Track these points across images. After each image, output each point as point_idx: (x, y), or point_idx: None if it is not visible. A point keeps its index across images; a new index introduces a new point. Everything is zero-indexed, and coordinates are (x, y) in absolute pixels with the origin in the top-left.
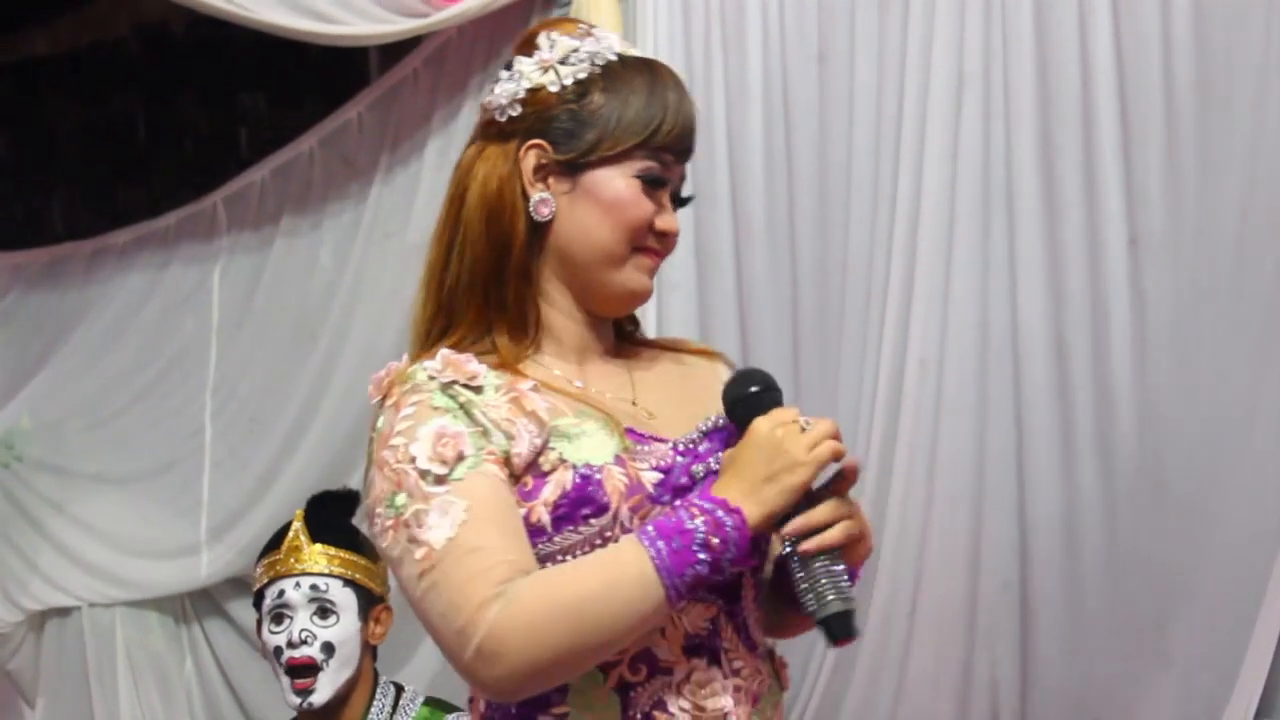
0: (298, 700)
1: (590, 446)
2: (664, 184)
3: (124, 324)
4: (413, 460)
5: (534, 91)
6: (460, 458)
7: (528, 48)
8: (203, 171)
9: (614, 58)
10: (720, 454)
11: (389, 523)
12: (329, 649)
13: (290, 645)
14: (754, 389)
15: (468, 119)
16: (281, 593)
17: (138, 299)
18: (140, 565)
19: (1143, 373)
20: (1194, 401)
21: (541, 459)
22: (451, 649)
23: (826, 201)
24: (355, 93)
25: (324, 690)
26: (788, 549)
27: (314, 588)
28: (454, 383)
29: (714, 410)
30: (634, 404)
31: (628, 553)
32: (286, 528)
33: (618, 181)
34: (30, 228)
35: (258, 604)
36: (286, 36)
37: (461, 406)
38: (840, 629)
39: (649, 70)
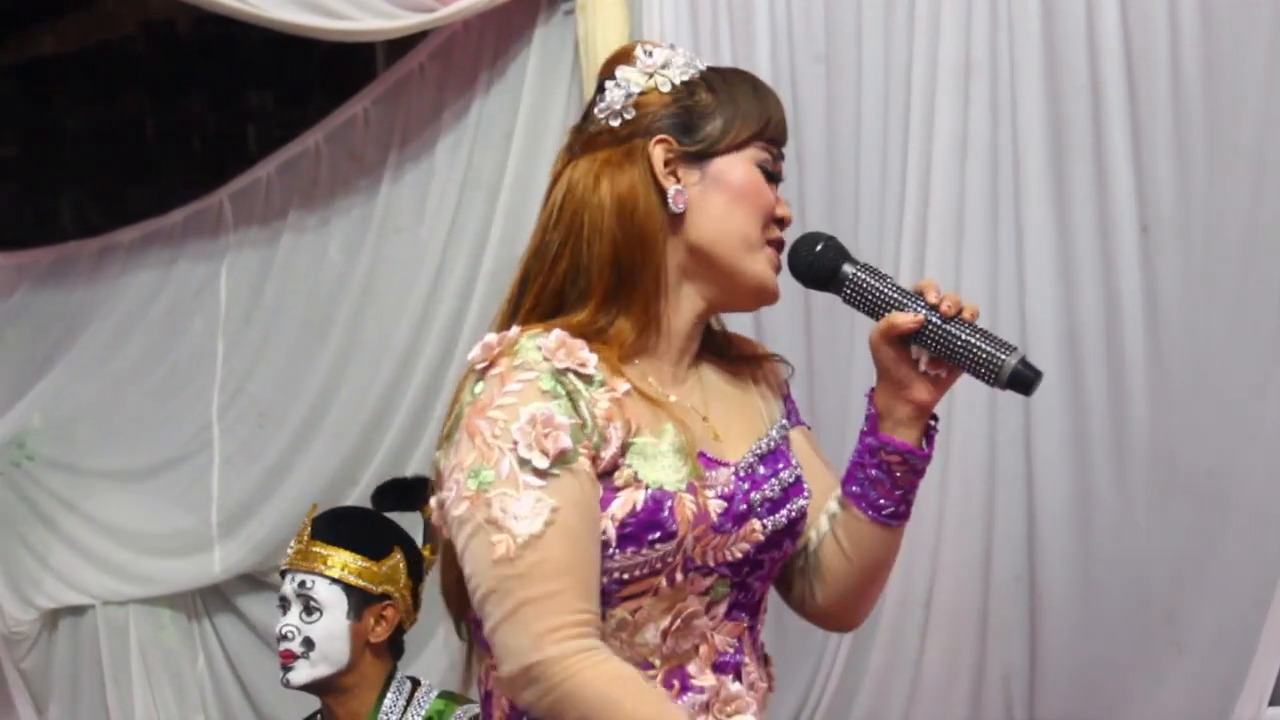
0: (281, 675)
1: (664, 469)
2: (774, 177)
3: (133, 321)
4: (513, 443)
5: (644, 94)
6: (562, 454)
7: (626, 59)
8: (211, 170)
9: (704, 67)
10: (774, 480)
11: (468, 494)
12: (309, 644)
13: (279, 638)
14: (819, 247)
15: (475, 114)
16: (282, 585)
17: (146, 296)
18: (153, 562)
19: (1155, 361)
20: (1206, 390)
21: (616, 473)
22: (502, 655)
23: (836, 193)
24: (363, 89)
25: (300, 673)
26: (933, 346)
27: (301, 584)
28: (567, 370)
29: (765, 425)
30: (705, 419)
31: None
32: None
33: (742, 168)
34: (39, 227)
35: None
36: (293, 33)
37: (569, 395)
38: (1031, 371)
39: (743, 74)
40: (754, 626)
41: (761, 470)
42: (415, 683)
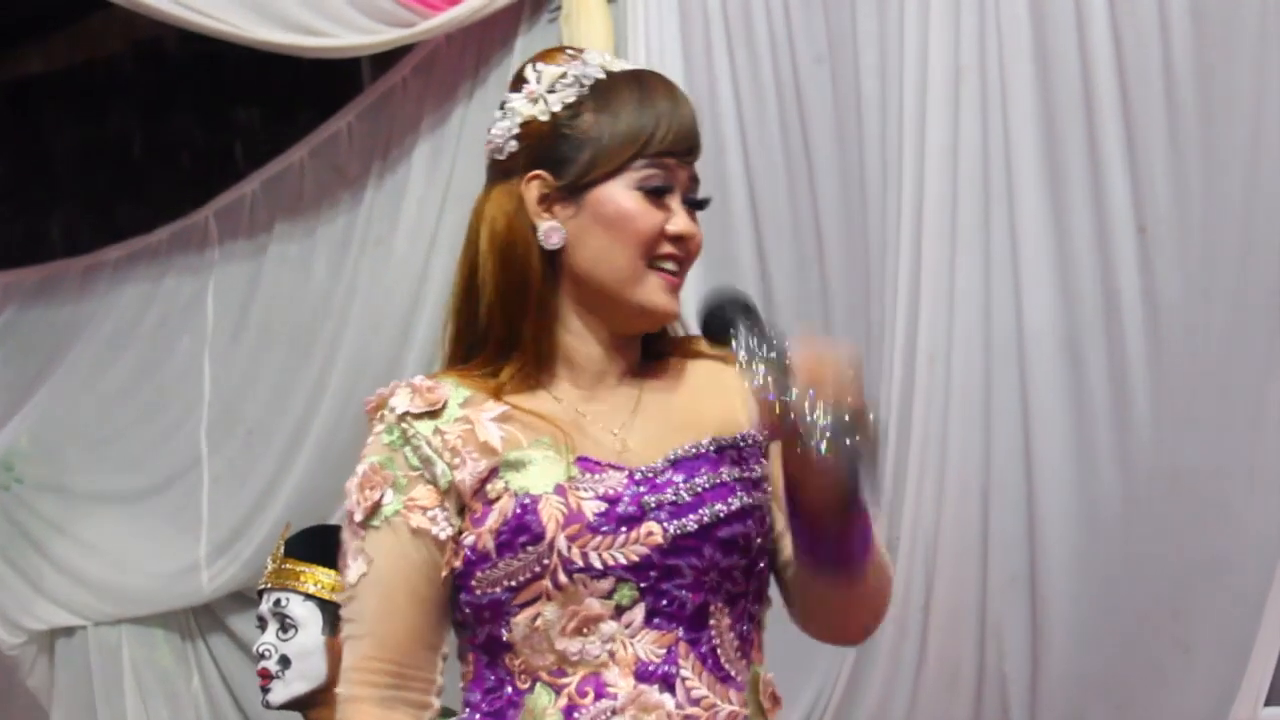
0: (261, 697)
1: (534, 475)
2: (668, 190)
3: (120, 340)
4: (348, 495)
5: (526, 124)
6: (376, 507)
7: (517, 84)
8: (200, 186)
9: (602, 75)
10: (682, 485)
11: None
12: (285, 661)
13: (257, 657)
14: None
15: (457, 125)
16: (259, 605)
17: (133, 314)
18: (142, 582)
19: (1155, 360)
20: (1207, 389)
21: (489, 486)
22: None
23: (830, 198)
24: (347, 104)
25: (277, 693)
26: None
27: (276, 602)
28: (406, 414)
29: (707, 430)
30: (615, 433)
31: None
32: None
33: (620, 196)
34: (29, 246)
35: None
36: (274, 51)
37: (407, 441)
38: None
39: (638, 82)
40: (697, 640)
41: (669, 474)
42: None
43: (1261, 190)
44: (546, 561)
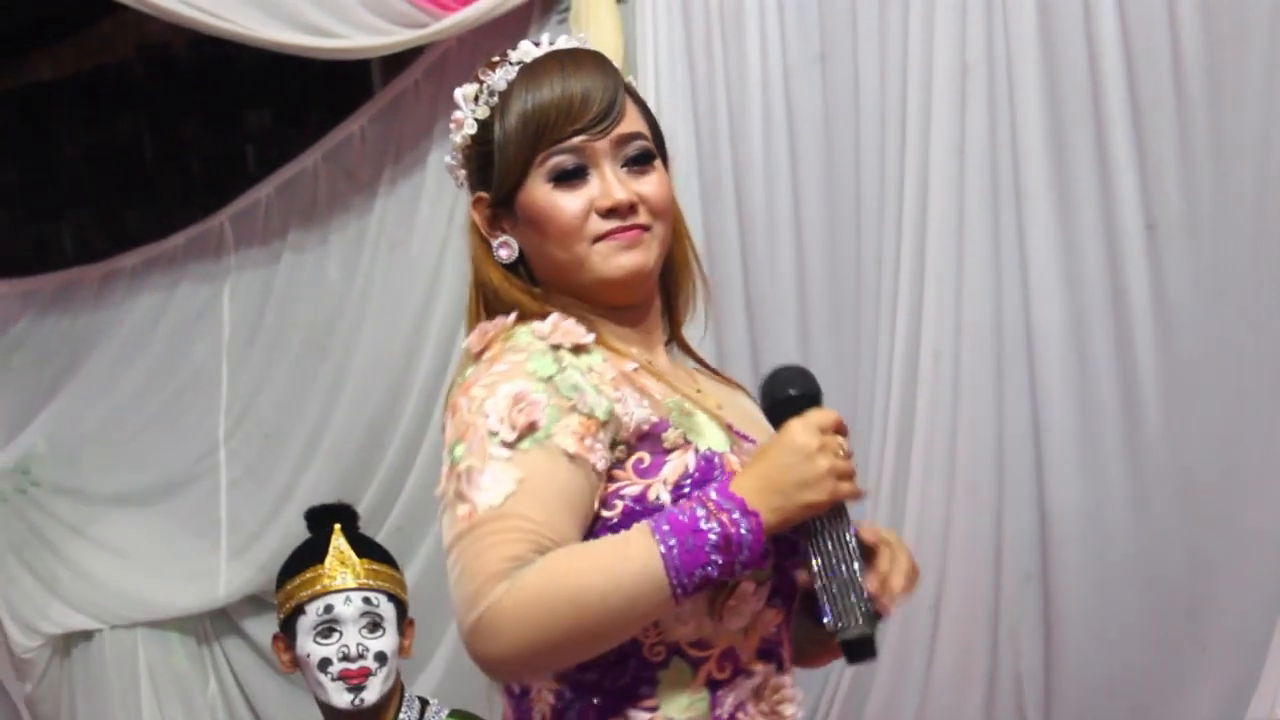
0: (350, 697)
1: (710, 433)
2: (584, 169)
3: (137, 345)
4: (485, 416)
5: (461, 148)
6: (531, 428)
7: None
8: (211, 191)
9: (512, 78)
10: None
11: (445, 469)
12: (382, 658)
13: (345, 659)
14: (793, 392)
15: None
16: (330, 608)
17: (149, 320)
18: (159, 586)
19: (1166, 358)
20: (1218, 385)
21: (665, 435)
22: (459, 615)
23: (834, 196)
24: (360, 106)
25: (374, 690)
26: (816, 569)
27: (366, 601)
28: (560, 346)
29: (758, 416)
30: (698, 392)
31: (637, 545)
32: (315, 542)
33: (536, 195)
34: (40, 253)
35: (293, 618)
36: (286, 52)
37: (562, 371)
38: (860, 653)
39: (533, 72)
40: (789, 619)
41: None
42: (424, 702)
43: (1271, 186)
44: None
